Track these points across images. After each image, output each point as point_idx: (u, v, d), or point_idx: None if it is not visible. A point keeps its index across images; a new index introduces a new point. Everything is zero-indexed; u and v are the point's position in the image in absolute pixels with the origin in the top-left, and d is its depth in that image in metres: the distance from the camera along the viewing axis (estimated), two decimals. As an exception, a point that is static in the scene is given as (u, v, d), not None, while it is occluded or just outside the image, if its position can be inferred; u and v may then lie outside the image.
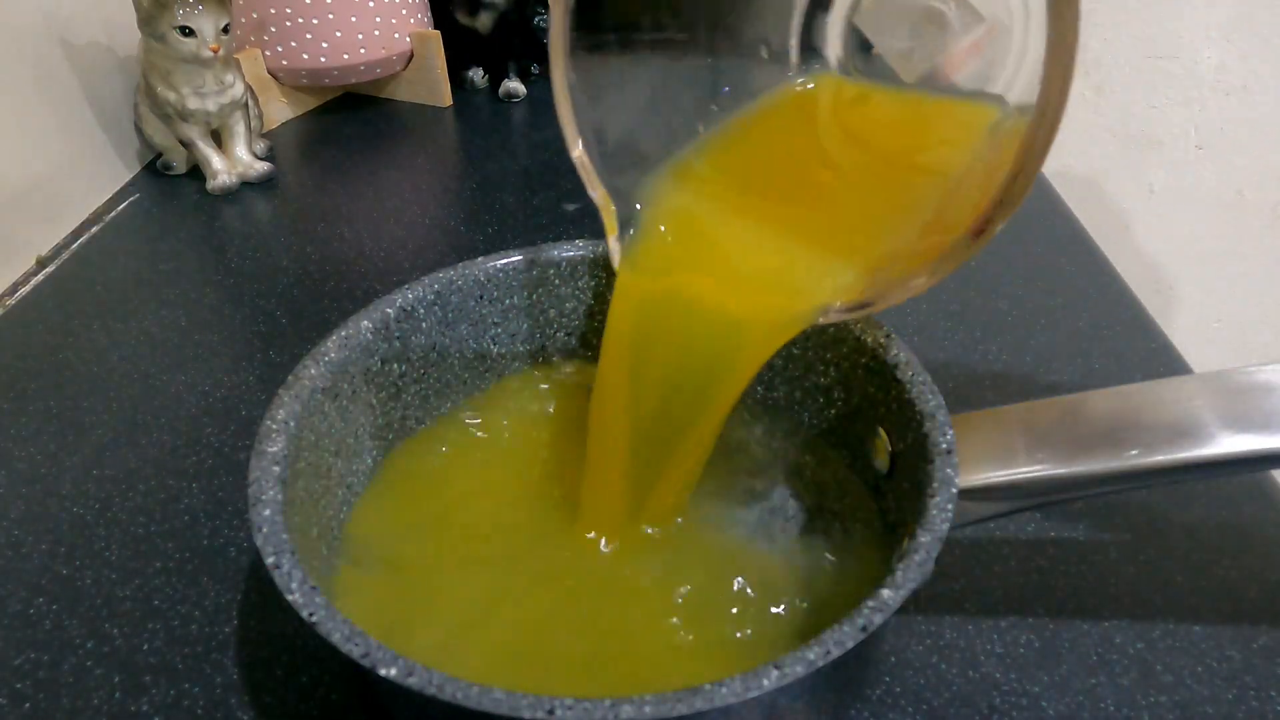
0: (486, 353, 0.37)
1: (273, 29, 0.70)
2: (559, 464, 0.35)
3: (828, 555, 0.31)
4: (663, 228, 0.29)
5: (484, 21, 0.75)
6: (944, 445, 0.27)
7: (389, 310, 0.33)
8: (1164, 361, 0.46)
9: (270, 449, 0.27)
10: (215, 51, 0.58)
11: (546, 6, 0.79)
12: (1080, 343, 0.47)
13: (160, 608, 0.33)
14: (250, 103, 0.65)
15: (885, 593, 0.22)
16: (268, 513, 0.25)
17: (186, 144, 0.63)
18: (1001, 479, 0.27)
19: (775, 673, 0.20)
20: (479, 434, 0.36)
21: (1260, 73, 0.86)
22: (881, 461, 0.31)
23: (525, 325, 0.37)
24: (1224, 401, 0.27)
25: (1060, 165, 0.92)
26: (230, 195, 0.64)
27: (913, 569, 0.23)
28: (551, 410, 0.37)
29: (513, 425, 0.37)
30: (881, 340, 0.31)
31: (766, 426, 0.36)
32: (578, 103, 0.27)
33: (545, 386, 0.38)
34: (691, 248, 0.30)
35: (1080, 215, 0.59)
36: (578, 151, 0.28)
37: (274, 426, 0.28)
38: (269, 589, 0.23)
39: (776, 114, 0.32)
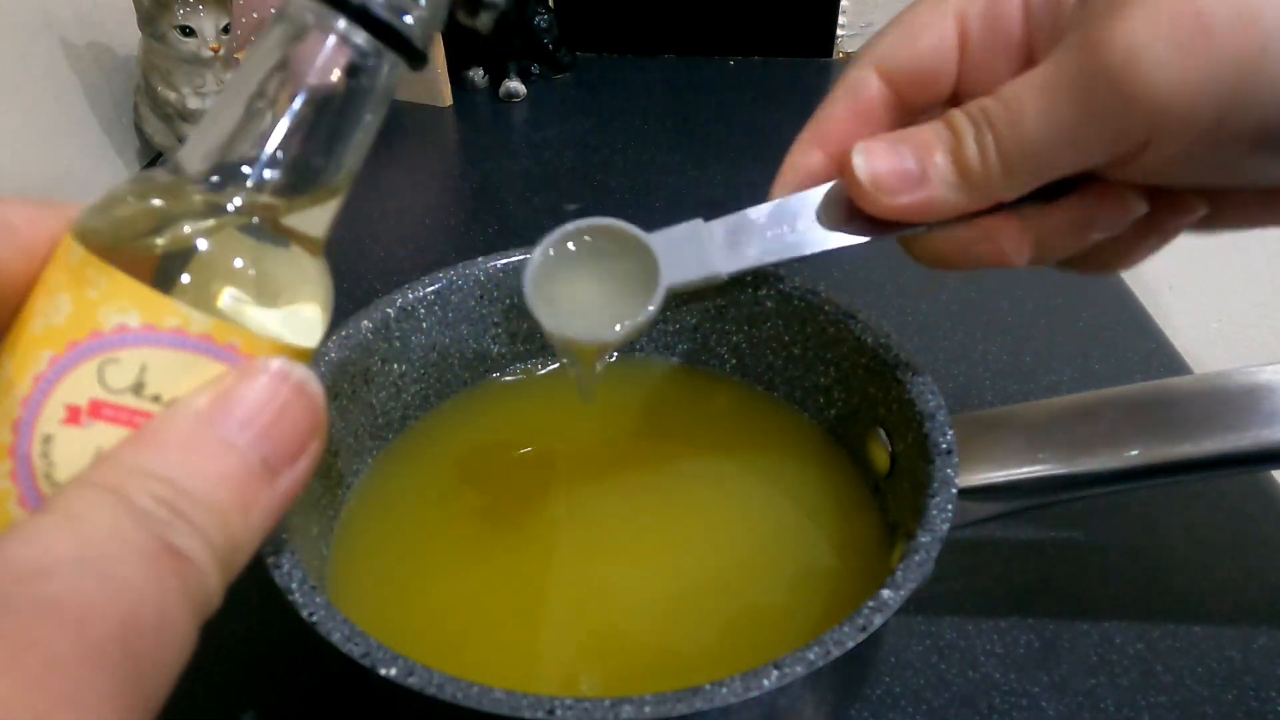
0: (486, 353, 0.37)
1: (273, 29, 0.70)
2: (556, 462, 0.35)
3: (828, 555, 0.31)
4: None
5: (484, 21, 0.75)
6: (944, 445, 0.27)
7: (389, 310, 0.33)
8: (1164, 361, 0.46)
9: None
10: (215, 51, 0.58)
11: (547, 6, 0.79)
12: (1080, 343, 0.47)
13: (160, 608, 0.33)
14: (250, 103, 0.65)
15: (885, 593, 0.22)
16: (268, 513, 0.25)
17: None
18: (1001, 479, 0.27)
19: (775, 673, 0.20)
20: (479, 433, 0.36)
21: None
22: (881, 461, 0.31)
23: (525, 325, 0.37)
24: (1224, 401, 0.27)
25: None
26: (230, 195, 0.64)
27: (913, 569, 0.23)
28: (551, 410, 0.37)
29: (512, 425, 0.37)
30: (881, 340, 0.31)
31: (766, 426, 0.36)
32: None
33: (545, 386, 0.38)
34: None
35: (1080, 215, 0.59)
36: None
37: (274, 426, 0.28)
38: (269, 589, 0.23)
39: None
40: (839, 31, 0.84)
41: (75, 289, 0.17)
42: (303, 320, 0.19)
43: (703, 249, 0.26)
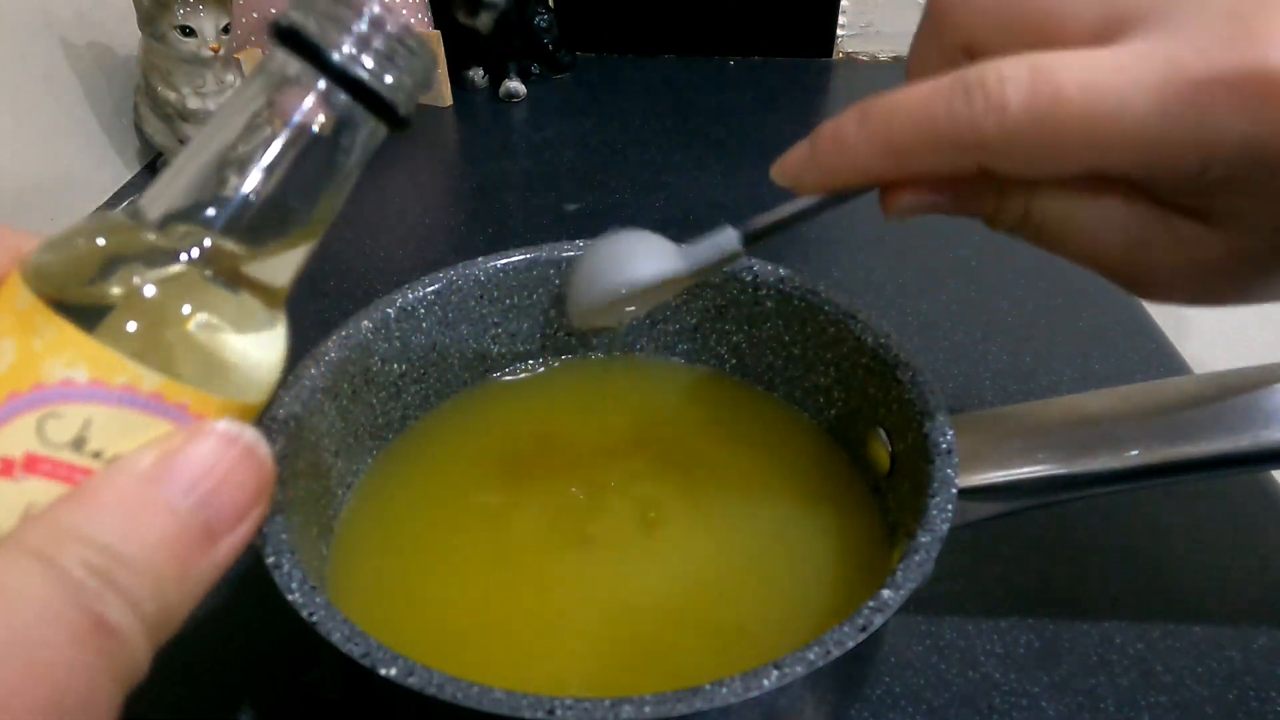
0: (486, 353, 0.37)
1: (273, 29, 0.70)
2: (556, 462, 0.35)
3: (828, 555, 0.31)
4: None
5: (484, 21, 0.75)
6: (944, 445, 0.27)
7: (389, 310, 0.33)
8: (1164, 361, 0.46)
9: (270, 449, 0.27)
10: (215, 51, 0.58)
11: (547, 6, 0.79)
12: (1080, 343, 0.47)
13: (160, 608, 0.33)
14: (250, 103, 0.65)
15: (885, 593, 0.22)
16: (268, 513, 0.25)
17: (187, 144, 0.63)
18: (1001, 479, 0.27)
19: (775, 673, 0.20)
20: (479, 433, 0.36)
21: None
22: (881, 461, 0.31)
23: (525, 325, 0.37)
24: (1224, 401, 0.27)
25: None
26: (230, 195, 0.64)
27: (913, 569, 0.23)
28: (550, 410, 0.37)
29: (512, 424, 0.37)
30: (881, 340, 0.31)
31: (766, 426, 0.36)
32: None
33: (545, 387, 0.38)
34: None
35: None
36: None
37: (274, 426, 0.28)
38: (269, 589, 0.23)
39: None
40: (839, 31, 0.84)
41: (20, 336, 0.16)
42: (257, 377, 0.19)
43: (715, 236, 0.25)
